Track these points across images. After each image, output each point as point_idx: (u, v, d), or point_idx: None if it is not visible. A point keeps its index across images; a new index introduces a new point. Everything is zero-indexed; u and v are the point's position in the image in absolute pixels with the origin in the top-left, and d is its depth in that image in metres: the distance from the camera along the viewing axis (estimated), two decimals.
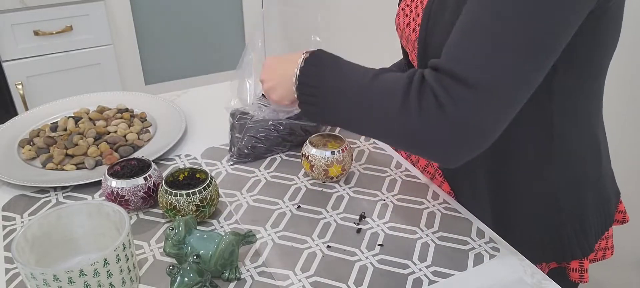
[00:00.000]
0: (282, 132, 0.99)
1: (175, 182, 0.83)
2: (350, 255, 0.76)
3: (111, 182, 0.81)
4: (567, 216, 0.82)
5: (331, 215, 0.84)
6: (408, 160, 1.01)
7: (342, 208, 0.86)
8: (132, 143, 1.02)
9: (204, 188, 0.79)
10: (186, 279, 0.64)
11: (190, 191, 0.78)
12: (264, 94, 1.00)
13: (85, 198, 0.89)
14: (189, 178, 0.84)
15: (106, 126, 1.07)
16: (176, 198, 0.78)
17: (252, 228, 0.81)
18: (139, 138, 1.04)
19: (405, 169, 0.97)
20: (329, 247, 0.78)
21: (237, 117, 1.03)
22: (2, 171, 0.92)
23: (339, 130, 1.06)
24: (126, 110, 1.14)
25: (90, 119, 1.09)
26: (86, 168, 0.95)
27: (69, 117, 1.09)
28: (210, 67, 2.80)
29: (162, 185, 0.80)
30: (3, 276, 0.72)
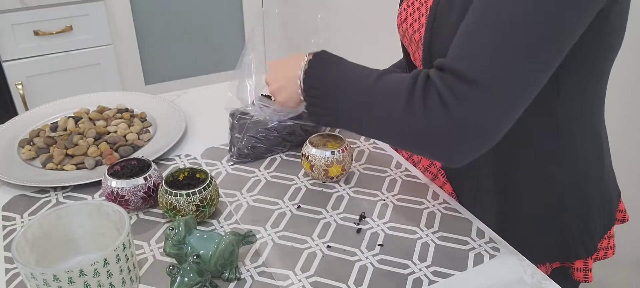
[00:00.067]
0: (282, 132, 0.99)
1: (175, 182, 0.83)
2: (350, 255, 0.76)
3: (111, 182, 0.81)
4: (572, 216, 0.82)
5: (331, 215, 0.84)
6: (409, 161, 1.01)
7: (342, 208, 0.86)
8: (132, 143, 1.02)
9: (204, 188, 0.79)
10: (186, 279, 0.64)
11: (190, 191, 0.78)
12: (264, 94, 1.00)
13: (85, 198, 0.89)
14: (189, 178, 0.84)
15: (106, 126, 1.07)
16: (176, 198, 0.78)
17: (252, 228, 0.81)
18: (139, 138, 1.04)
19: (405, 169, 0.97)
20: (329, 247, 0.78)
21: (236, 117, 1.03)
22: (2, 171, 0.92)
23: (339, 130, 1.06)
24: (126, 110, 1.14)
25: (90, 119, 1.09)
26: (86, 168, 0.95)
27: (69, 117, 1.09)
28: (210, 67, 2.80)
29: (162, 185, 0.80)
30: (3, 276, 0.72)
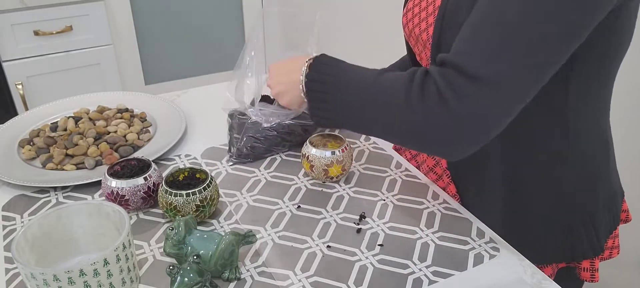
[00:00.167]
0: (281, 132, 0.99)
1: (175, 182, 0.83)
2: (350, 255, 0.76)
3: (111, 182, 0.81)
4: (579, 216, 0.82)
5: (331, 215, 0.84)
6: (413, 161, 1.00)
7: (342, 208, 0.86)
8: (132, 143, 1.02)
9: (204, 188, 0.79)
10: (186, 279, 0.64)
11: (190, 191, 0.78)
12: (263, 95, 1.00)
13: (85, 198, 0.89)
14: (189, 178, 0.84)
15: (106, 126, 1.07)
16: (176, 198, 0.77)
17: (252, 228, 0.81)
18: (139, 138, 1.04)
19: (405, 169, 0.97)
20: (329, 247, 0.78)
21: (235, 118, 1.02)
22: (2, 171, 0.92)
23: (339, 130, 1.06)
24: (126, 110, 1.14)
25: (90, 119, 1.09)
26: (86, 168, 0.95)
27: (69, 117, 1.09)
28: (210, 67, 2.80)
29: (162, 185, 0.80)
30: (3, 276, 0.72)
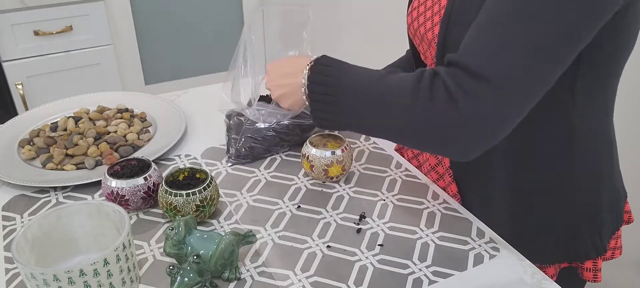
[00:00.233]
0: (279, 132, 0.99)
1: (175, 182, 0.83)
2: (350, 255, 0.76)
3: (111, 182, 0.81)
4: (584, 216, 0.82)
5: (331, 215, 0.84)
6: (414, 161, 1.00)
7: (342, 208, 0.86)
8: (132, 143, 1.02)
9: (204, 188, 0.79)
10: (186, 279, 0.64)
11: (190, 191, 0.78)
12: (262, 95, 1.00)
13: (85, 198, 0.89)
14: (189, 178, 0.84)
15: (106, 126, 1.07)
16: (176, 198, 0.77)
17: (252, 228, 0.81)
18: (139, 138, 1.04)
19: (405, 169, 0.97)
20: (329, 247, 0.78)
21: (233, 119, 1.02)
22: (2, 171, 0.92)
23: (339, 130, 1.06)
24: (126, 110, 1.14)
25: (90, 119, 1.09)
26: (86, 168, 0.95)
27: (69, 117, 1.09)
28: (210, 67, 2.80)
29: (162, 185, 0.80)
30: (3, 276, 0.72)
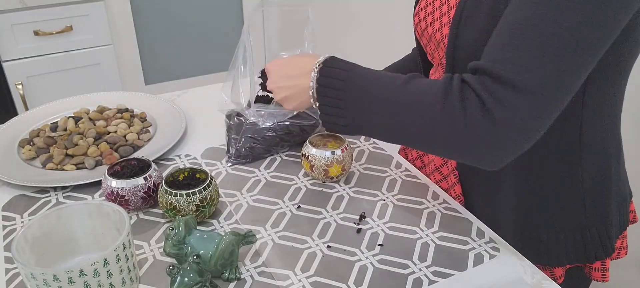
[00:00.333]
0: (279, 132, 0.99)
1: (175, 182, 0.83)
2: (350, 255, 0.76)
3: (111, 182, 0.81)
4: (592, 217, 0.81)
5: (331, 215, 0.84)
6: (418, 161, 1.00)
7: (342, 208, 0.86)
8: (132, 143, 1.02)
9: (204, 188, 0.79)
10: (186, 279, 0.64)
11: (190, 191, 0.78)
12: (260, 95, 1.00)
13: (85, 198, 0.89)
14: (189, 179, 0.84)
15: (106, 126, 1.07)
16: (176, 198, 0.78)
17: (252, 228, 0.81)
18: (139, 138, 1.04)
19: (405, 169, 0.97)
20: (329, 247, 0.78)
21: (233, 119, 1.02)
22: (2, 171, 0.92)
23: None
24: (126, 110, 1.14)
25: (90, 119, 1.09)
26: (86, 168, 0.95)
27: (69, 117, 1.09)
28: (210, 67, 2.80)
29: (162, 185, 0.80)
30: (3, 276, 0.72)
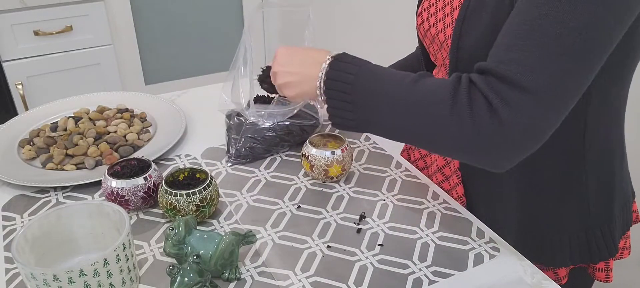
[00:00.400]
0: (279, 132, 0.99)
1: (175, 182, 0.83)
2: (350, 255, 0.76)
3: (111, 182, 0.81)
4: (597, 217, 0.81)
5: (331, 215, 0.84)
6: (421, 162, 1.00)
7: (342, 208, 0.86)
8: (132, 143, 1.02)
9: (204, 188, 0.79)
10: (186, 279, 0.64)
11: (190, 191, 0.78)
12: (259, 95, 1.00)
13: (85, 198, 0.89)
14: (189, 179, 0.84)
15: (106, 126, 1.07)
16: (176, 198, 0.77)
17: (252, 228, 0.81)
18: (139, 138, 1.04)
19: (405, 169, 0.97)
20: (329, 247, 0.78)
21: (233, 119, 1.02)
22: (2, 171, 0.92)
23: (339, 130, 1.06)
24: (126, 110, 1.14)
25: (90, 119, 1.09)
26: (86, 168, 0.95)
27: (69, 117, 1.09)
28: (210, 67, 2.80)
29: (162, 185, 0.80)
30: (3, 276, 0.72)
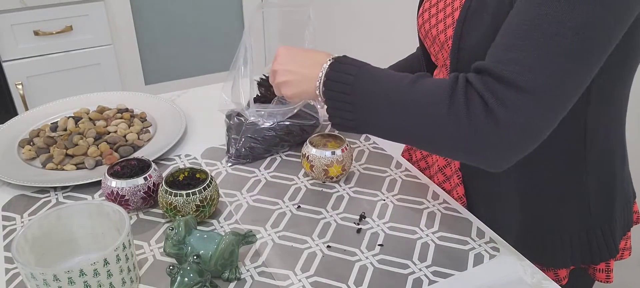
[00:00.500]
0: (279, 132, 0.99)
1: (175, 182, 0.83)
2: (350, 255, 0.76)
3: (111, 182, 0.81)
4: (597, 218, 0.81)
5: (331, 215, 0.84)
6: (422, 162, 1.00)
7: (342, 208, 0.86)
8: (132, 143, 1.02)
9: (204, 188, 0.79)
10: (186, 279, 0.64)
11: (190, 191, 0.78)
12: (259, 95, 1.00)
13: (85, 198, 0.89)
14: (189, 179, 0.84)
15: (106, 126, 1.07)
16: (176, 198, 0.77)
17: (252, 228, 0.81)
18: (139, 138, 1.04)
19: (405, 169, 0.97)
20: (329, 247, 0.78)
21: (233, 119, 1.02)
22: (2, 171, 0.92)
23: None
24: (126, 110, 1.14)
25: (90, 119, 1.09)
26: (86, 168, 0.95)
27: (69, 117, 1.09)
28: (210, 67, 2.80)
29: (162, 185, 0.80)
30: (3, 276, 0.72)
